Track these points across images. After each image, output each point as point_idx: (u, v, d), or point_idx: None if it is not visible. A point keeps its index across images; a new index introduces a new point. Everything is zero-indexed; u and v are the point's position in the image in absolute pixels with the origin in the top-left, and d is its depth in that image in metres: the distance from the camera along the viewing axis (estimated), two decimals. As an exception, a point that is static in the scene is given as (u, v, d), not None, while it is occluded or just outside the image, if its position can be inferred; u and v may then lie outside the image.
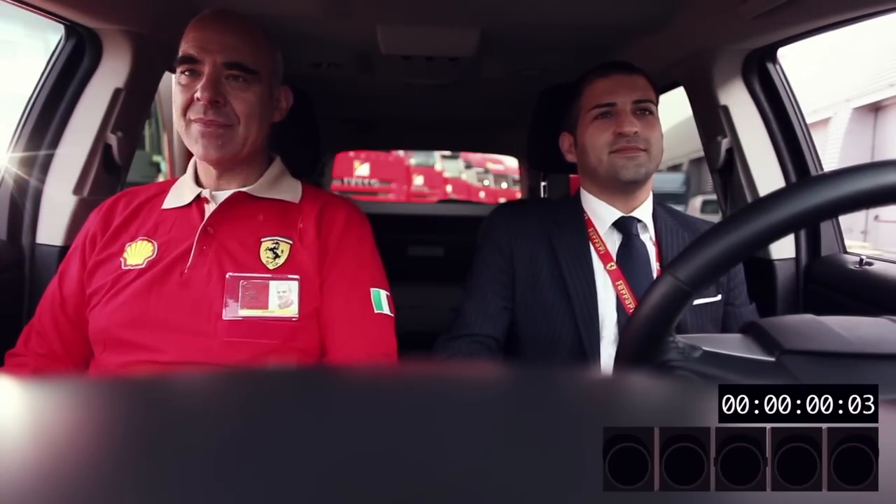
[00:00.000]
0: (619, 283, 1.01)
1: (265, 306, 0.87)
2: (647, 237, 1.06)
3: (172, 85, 0.92)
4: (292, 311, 0.88)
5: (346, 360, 0.88)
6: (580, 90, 1.07)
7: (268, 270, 0.89)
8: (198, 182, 0.96)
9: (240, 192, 0.93)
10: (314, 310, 0.91)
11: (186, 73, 0.89)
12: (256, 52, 0.91)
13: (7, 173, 1.17)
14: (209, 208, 0.92)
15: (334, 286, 0.92)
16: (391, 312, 0.96)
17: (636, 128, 0.99)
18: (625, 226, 1.05)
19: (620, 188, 1.04)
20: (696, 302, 0.96)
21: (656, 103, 1.06)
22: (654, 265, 1.04)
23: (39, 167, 1.18)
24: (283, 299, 0.89)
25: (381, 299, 0.95)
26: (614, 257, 1.03)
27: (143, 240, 0.92)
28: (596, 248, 1.04)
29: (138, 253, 0.91)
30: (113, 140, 1.20)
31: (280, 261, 0.91)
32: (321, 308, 0.91)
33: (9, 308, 1.15)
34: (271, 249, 0.91)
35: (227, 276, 0.88)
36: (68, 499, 0.16)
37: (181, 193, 0.96)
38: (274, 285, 0.89)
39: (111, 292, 0.89)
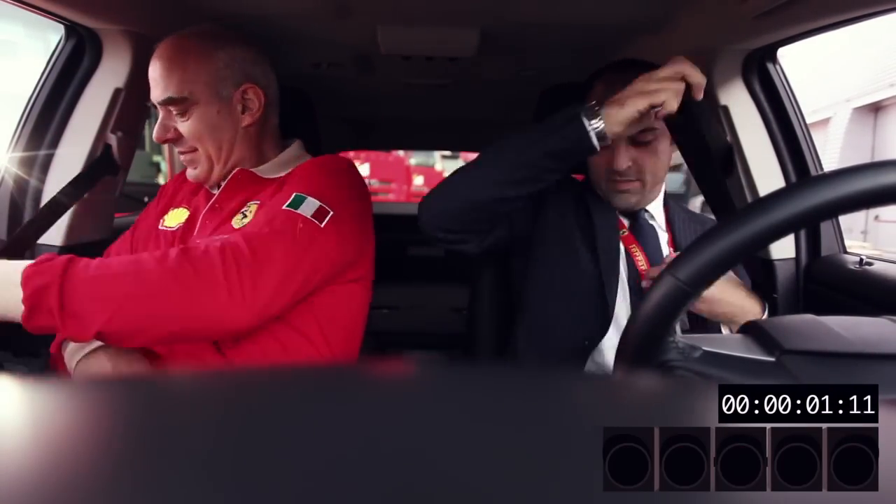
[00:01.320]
0: (632, 246, 1.05)
1: None
2: (656, 224, 1.10)
3: None
4: None
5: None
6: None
7: (232, 230, 0.91)
8: None
9: (246, 171, 0.96)
10: None
11: None
12: (183, 76, 0.91)
13: (7, 173, 1.17)
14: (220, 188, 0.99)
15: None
16: (313, 217, 0.83)
17: (629, 162, 0.98)
18: (633, 212, 1.09)
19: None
20: None
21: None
22: (666, 249, 1.08)
23: (39, 167, 1.18)
24: None
25: (300, 200, 0.84)
26: (627, 226, 1.08)
27: (184, 207, 1.00)
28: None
29: (176, 217, 0.99)
30: (113, 140, 1.20)
31: (246, 220, 0.92)
32: None
33: (9, 308, 1.15)
34: (241, 212, 0.94)
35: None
36: (68, 499, 0.16)
37: None
38: None
39: (139, 247, 0.99)
